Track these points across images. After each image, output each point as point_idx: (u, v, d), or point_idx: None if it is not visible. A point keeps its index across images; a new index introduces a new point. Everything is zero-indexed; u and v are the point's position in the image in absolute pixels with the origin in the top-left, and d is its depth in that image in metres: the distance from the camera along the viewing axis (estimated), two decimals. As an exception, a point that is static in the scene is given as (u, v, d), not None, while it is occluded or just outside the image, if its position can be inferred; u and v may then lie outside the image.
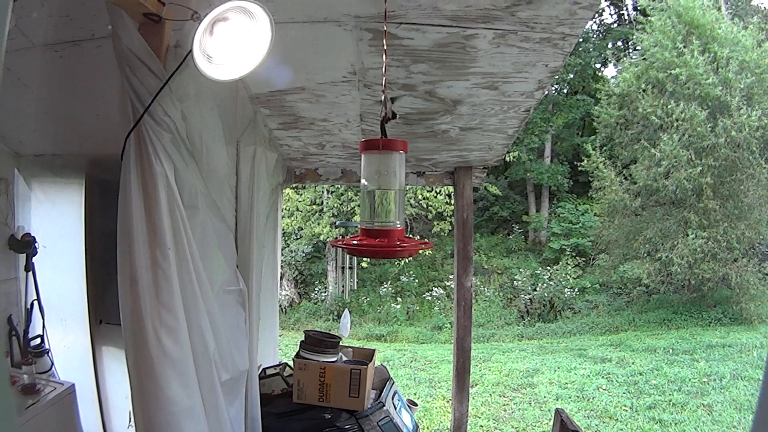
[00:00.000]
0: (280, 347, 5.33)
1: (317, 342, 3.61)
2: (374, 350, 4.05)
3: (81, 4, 2.23)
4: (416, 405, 4.47)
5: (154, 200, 1.97)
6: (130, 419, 2.54)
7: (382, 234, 1.72)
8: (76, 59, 2.48)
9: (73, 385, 2.95)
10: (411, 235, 11.06)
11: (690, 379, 9.81)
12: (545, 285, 17.30)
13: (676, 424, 7.94)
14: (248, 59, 1.86)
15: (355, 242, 1.73)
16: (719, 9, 17.11)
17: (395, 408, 3.77)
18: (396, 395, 3.94)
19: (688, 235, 14.03)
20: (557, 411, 3.50)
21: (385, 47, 1.92)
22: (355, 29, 2.52)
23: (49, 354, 3.11)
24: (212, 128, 2.52)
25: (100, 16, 2.04)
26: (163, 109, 1.98)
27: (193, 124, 2.26)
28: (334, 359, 3.61)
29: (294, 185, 6.07)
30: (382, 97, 1.80)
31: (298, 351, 3.59)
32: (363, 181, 1.75)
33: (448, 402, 8.60)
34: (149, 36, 1.95)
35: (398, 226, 1.73)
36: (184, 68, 2.02)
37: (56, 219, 3.11)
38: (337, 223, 15.69)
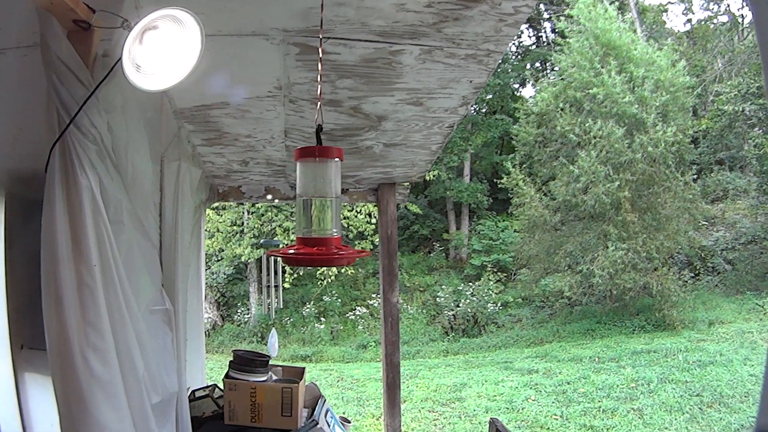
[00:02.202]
0: (205, 370, 5.20)
1: (247, 361, 3.54)
2: (303, 368, 4.01)
3: (9, 12, 2.14)
4: (349, 422, 4.44)
5: (79, 214, 1.89)
6: (57, 446, 2.41)
7: (320, 242, 1.71)
8: None
9: (-4, 414, 2.79)
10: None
11: (618, 386, 10.17)
12: (468, 301, 17.60)
13: (607, 429, 8.23)
14: (177, 69, 1.83)
15: (292, 251, 1.73)
16: (635, 31, 18.16)
17: (329, 425, 3.73)
18: (329, 413, 3.90)
19: (608, 248, 14.59)
20: (492, 421, 3.54)
21: (320, 55, 1.93)
22: (283, 43, 2.52)
23: (-28, 382, 2.93)
24: (138, 142, 2.45)
25: (28, 24, 1.96)
26: (90, 120, 1.91)
27: (119, 136, 2.20)
28: (264, 378, 3.54)
29: (216, 204, 5.96)
30: (318, 105, 1.81)
31: (228, 371, 3.51)
32: (298, 189, 1.75)
33: (377, 419, 8.61)
34: (78, 44, 1.88)
35: (335, 234, 1.73)
36: (112, 78, 1.96)
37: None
38: (261, 242, 15.49)
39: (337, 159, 1.73)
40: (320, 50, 1.94)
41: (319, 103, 1.82)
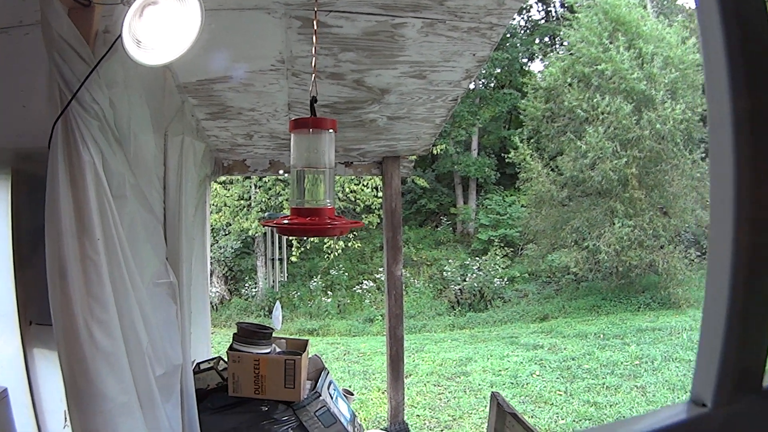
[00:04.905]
0: (212, 345, 5.24)
1: (250, 334, 3.58)
2: (307, 341, 4.05)
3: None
4: (352, 394, 4.49)
5: (82, 189, 1.91)
6: (65, 419, 2.45)
7: (313, 213, 1.74)
8: (3, 47, 2.38)
9: (6, 389, 2.83)
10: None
11: (622, 363, 10.12)
12: (474, 275, 17.57)
13: (611, 406, 8.19)
14: (177, 44, 1.83)
15: (285, 222, 1.75)
16: (645, 7, 17.84)
17: (331, 397, 3.78)
18: (332, 385, 3.95)
19: (614, 224, 14.53)
20: (493, 395, 3.56)
21: (315, 27, 1.93)
22: (284, 17, 2.51)
23: (-19, 358, 2.97)
24: (140, 116, 2.46)
25: (29, 2, 1.97)
26: (92, 96, 1.92)
27: (121, 111, 2.21)
28: (268, 351, 3.59)
29: (222, 178, 5.96)
30: (312, 77, 1.82)
31: (231, 344, 3.55)
32: (292, 160, 1.77)
33: (383, 393, 8.64)
34: (78, 21, 1.89)
35: (328, 205, 1.75)
36: (113, 54, 1.97)
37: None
38: (266, 214, 15.49)
39: (330, 130, 1.75)
40: (315, 22, 1.94)
41: (313, 75, 1.84)
